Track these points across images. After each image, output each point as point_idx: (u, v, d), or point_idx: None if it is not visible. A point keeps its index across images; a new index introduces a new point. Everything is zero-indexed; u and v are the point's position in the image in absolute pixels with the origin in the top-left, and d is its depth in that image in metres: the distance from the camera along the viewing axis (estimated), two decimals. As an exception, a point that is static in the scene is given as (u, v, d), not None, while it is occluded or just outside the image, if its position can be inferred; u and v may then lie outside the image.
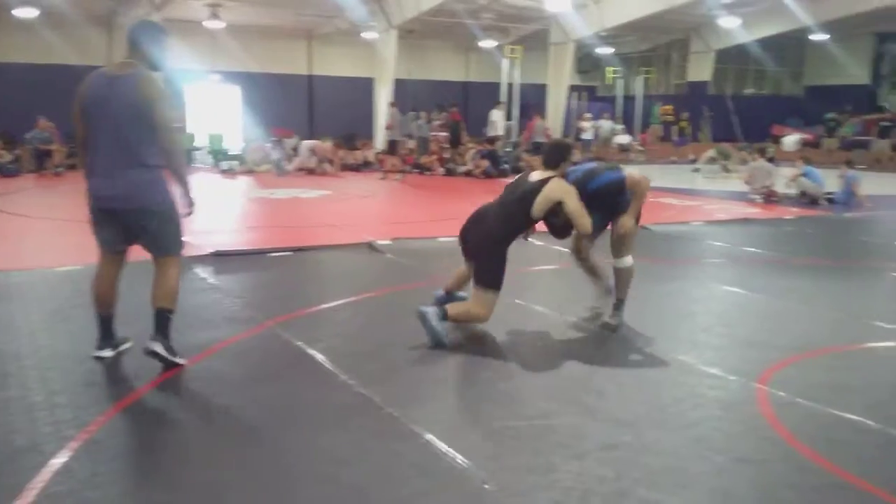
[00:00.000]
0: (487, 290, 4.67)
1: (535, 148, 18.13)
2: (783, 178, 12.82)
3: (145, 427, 3.40)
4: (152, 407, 3.63)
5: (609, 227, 4.91)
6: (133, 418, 3.47)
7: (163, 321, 4.04)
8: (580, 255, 5.13)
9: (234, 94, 23.66)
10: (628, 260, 4.77)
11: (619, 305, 4.88)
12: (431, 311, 4.56)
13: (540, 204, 4.61)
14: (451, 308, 4.70)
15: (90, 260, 4.34)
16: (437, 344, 4.50)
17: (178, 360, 4.05)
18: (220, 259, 6.83)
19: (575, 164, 5.05)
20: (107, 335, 4.19)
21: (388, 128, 18.28)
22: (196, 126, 20.30)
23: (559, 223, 4.77)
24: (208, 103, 22.47)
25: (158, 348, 3.96)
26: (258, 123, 20.23)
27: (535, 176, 4.75)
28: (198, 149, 18.84)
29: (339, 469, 2.98)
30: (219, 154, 18.34)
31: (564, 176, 4.77)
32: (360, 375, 3.96)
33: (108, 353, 4.18)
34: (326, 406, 3.63)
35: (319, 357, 4.28)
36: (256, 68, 23.07)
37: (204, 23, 19.88)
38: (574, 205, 4.60)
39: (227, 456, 3.12)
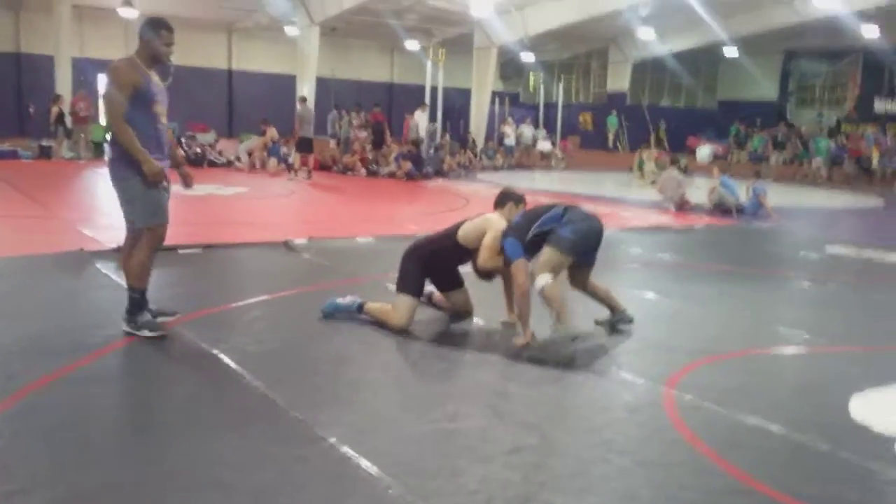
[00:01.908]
0: (401, 295, 4.79)
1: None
2: (696, 189, 13.18)
3: (34, 426, 3.17)
4: (42, 405, 3.40)
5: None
6: (21, 416, 3.24)
7: (128, 298, 4.42)
8: (582, 289, 5.02)
9: (149, 86, 22.93)
10: (539, 281, 4.64)
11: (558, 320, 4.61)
12: (349, 299, 4.92)
13: (466, 229, 4.85)
14: (369, 303, 4.92)
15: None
16: (324, 314, 4.91)
17: (140, 332, 4.36)
18: (125, 255, 6.54)
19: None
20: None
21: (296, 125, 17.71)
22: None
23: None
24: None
25: (123, 325, 4.42)
26: (174, 117, 19.63)
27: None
28: (108, 141, 18.17)
29: (236, 475, 2.84)
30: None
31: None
32: (266, 377, 3.82)
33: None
34: (227, 408, 3.49)
35: (224, 358, 4.12)
36: (173, 60, 22.44)
37: (118, 10, 19.19)
38: (489, 240, 4.71)
39: (118, 458, 2.95)
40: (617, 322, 5.07)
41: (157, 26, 4.44)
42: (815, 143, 21.82)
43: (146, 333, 4.38)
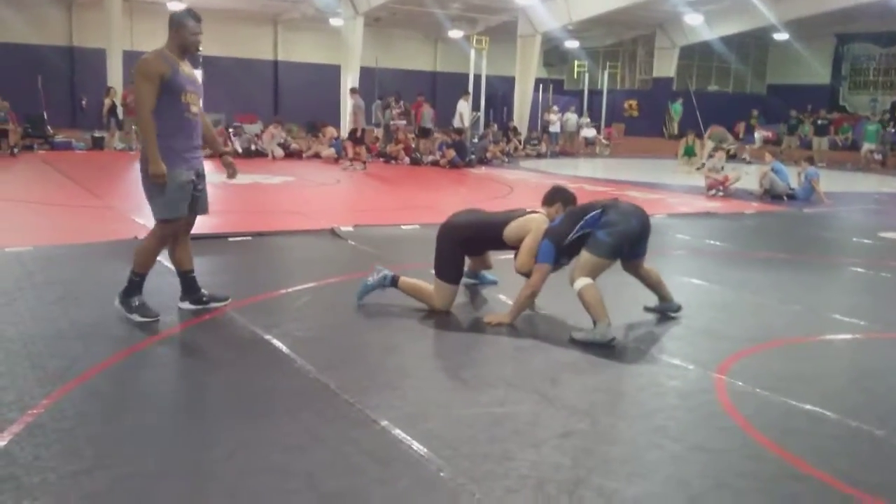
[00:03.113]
0: (442, 283, 4.87)
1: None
2: (746, 174, 12.94)
3: (91, 412, 3.27)
4: (99, 391, 3.51)
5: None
6: (78, 402, 3.34)
7: (128, 279, 4.52)
8: (635, 274, 5.02)
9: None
10: (577, 284, 4.59)
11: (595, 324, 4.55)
12: (380, 273, 5.00)
13: (513, 229, 4.83)
14: (405, 278, 5.01)
15: (40, 241, 4.21)
16: (358, 298, 5.00)
17: (131, 316, 4.46)
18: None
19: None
20: (186, 289, 4.79)
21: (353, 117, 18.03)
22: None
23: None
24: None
25: (115, 301, 4.54)
26: (221, 108, 19.94)
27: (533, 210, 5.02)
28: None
29: (290, 457, 2.90)
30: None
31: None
32: (317, 361, 3.88)
33: (186, 304, 4.79)
34: (280, 392, 3.55)
35: (276, 342, 4.19)
36: (220, 52, 22.73)
37: (167, 3, 19.50)
38: (529, 242, 4.72)
39: (174, 444, 3.03)
40: (665, 310, 5.05)
41: (184, 16, 4.47)
42: (864, 128, 21.26)
43: (136, 318, 4.46)
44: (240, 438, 3.05)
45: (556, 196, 5.10)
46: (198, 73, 4.76)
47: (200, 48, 4.54)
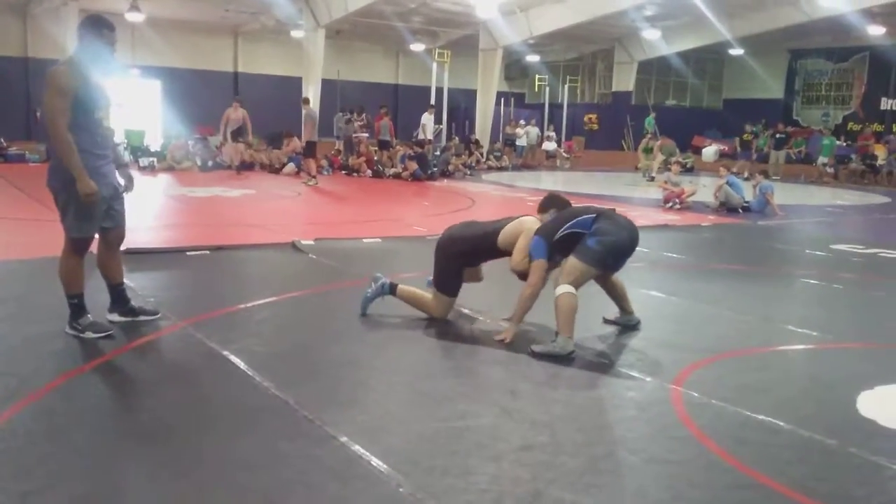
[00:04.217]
0: (442, 295, 5.00)
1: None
2: (703, 187, 13.16)
3: (42, 431, 3.20)
4: (51, 409, 3.43)
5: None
6: (29, 421, 3.27)
7: (68, 305, 4.40)
8: (601, 284, 5.01)
9: (155, 90, 23.01)
10: (559, 289, 4.54)
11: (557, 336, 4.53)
12: (378, 282, 5.06)
13: (506, 233, 4.87)
14: (402, 286, 5.10)
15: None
16: (362, 311, 5.05)
17: (84, 335, 4.35)
18: (134, 257, 6.54)
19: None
20: (115, 301, 4.70)
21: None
22: (115, 121, 19.68)
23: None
24: (127, 98, 21.83)
25: (67, 328, 4.41)
26: (181, 120, 19.71)
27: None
28: (118, 144, 18.27)
29: (248, 474, 2.87)
30: (138, 150, 17.82)
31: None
32: (276, 377, 3.85)
33: (115, 317, 4.68)
34: (239, 409, 3.51)
35: (233, 358, 4.15)
36: (179, 63, 22.51)
37: (125, 14, 19.27)
38: (522, 242, 4.74)
39: (128, 463, 2.98)
40: (625, 324, 5.09)
41: (98, 25, 4.29)
42: (820, 142, 21.75)
43: (90, 335, 4.35)
44: (196, 456, 3.01)
45: (551, 203, 5.11)
46: (109, 84, 4.53)
47: (114, 58, 4.37)
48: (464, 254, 5.00)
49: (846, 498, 2.88)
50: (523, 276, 4.76)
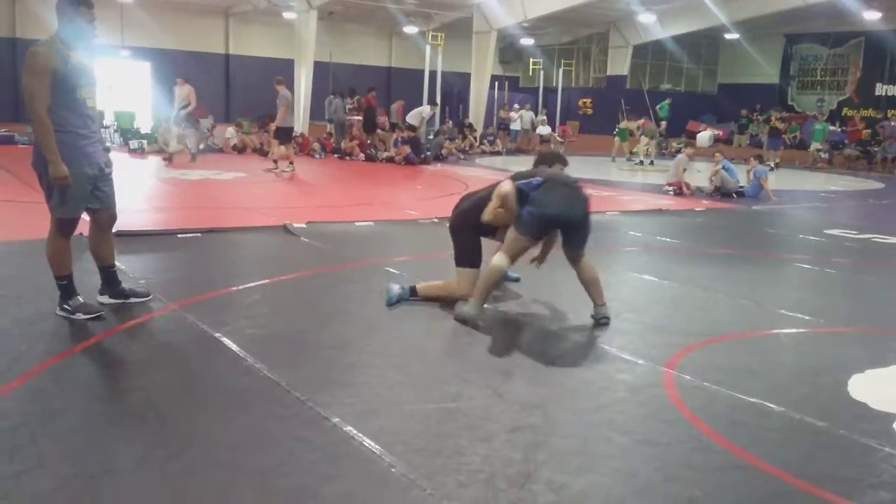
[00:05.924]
0: (463, 269, 4.97)
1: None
2: (697, 172, 13.15)
3: (34, 412, 3.18)
4: (42, 390, 3.41)
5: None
6: (21, 402, 3.26)
7: (57, 287, 4.39)
8: (572, 265, 4.83)
9: (145, 71, 22.82)
10: (493, 259, 4.61)
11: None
12: (396, 292, 4.96)
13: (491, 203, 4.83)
14: (421, 284, 5.07)
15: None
16: (388, 302, 4.94)
17: (75, 316, 4.33)
18: (124, 239, 6.49)
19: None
20: (106, 283, 4.66)
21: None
22: (104, 103, 19.52)
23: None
24: (116, 80, 21.67)
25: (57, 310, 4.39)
26: (171, 102, 19.55)
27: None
28: (106, 127, 18.12)
29: (240, 455, 2.86)
30: (128, 133, 17.70)
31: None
32: (268, 359, 3.84)
33: (105, 299, 4.66)
34: (230, 390, 3.50)
35: (225, 340, 4.13)
36: (169, 45, 22.33)
37: (114, -6, 19.11)
38: (493, 203, 4.73)
39: (120, 443, 2.96)
40: (593, 316, 4.77)
41: (75, 2, 4.22)
42: (812, 127, 21.73)
43: (80, 317, 4.34)
44: (187, 437, 3.00)
45: (540, 160, 5.27)
46: (95, 63, 4.43)
47: (95, 36, 4.30)
48: (477, 226, 4.98)
49: (837, 479, 2.89)
50: (492, 230, 4.91)
